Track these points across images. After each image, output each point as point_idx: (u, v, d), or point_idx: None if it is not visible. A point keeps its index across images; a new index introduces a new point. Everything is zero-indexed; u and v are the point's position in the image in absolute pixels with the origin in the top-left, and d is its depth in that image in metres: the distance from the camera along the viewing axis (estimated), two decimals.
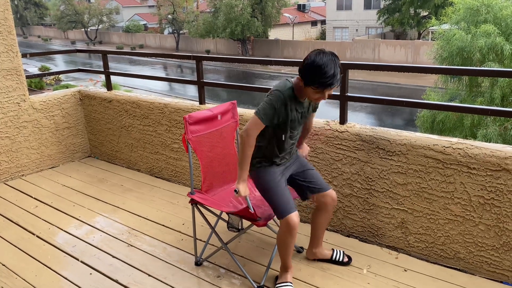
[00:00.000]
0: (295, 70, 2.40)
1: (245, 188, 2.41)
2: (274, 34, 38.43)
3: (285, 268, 2.58)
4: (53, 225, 3.49)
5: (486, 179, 2.48)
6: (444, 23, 12.30)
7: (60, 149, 4.79)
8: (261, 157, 2.51)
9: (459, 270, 2.70)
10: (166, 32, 48.89)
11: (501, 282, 2.57)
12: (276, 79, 27.83)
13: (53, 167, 4.75)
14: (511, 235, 2.47)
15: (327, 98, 2.33)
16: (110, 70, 4.72)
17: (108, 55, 4.69)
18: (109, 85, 4.79)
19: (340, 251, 2.82)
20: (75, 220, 3.57)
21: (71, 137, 4.87)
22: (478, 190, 2.52)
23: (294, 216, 2.37)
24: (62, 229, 3.42)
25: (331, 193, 2.61)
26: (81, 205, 3.82)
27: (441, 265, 2.76)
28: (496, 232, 2.52)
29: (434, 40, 13.20)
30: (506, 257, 2.52)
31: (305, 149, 2.91)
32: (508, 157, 2.40)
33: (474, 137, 9.50)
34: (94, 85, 17.92)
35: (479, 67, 9.89)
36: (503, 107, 9.84)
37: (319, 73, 2.17)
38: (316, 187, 2.60)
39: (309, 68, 2.20)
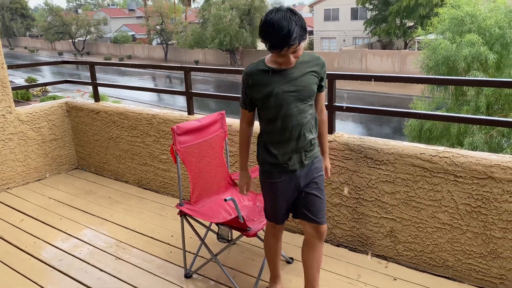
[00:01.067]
0: None
1: (244, 177, 2.42)
2: (262, 44, 38.63)
3: (273, 278, 2.56)
4: (39, 238, 3.43)
5: (472, 187, 2.51)
6: (430, 33, 12.51)
7: (47, 161, 4.73)
8: (258, 153, 2.30)
9: (448, 278, 2.72)
10: (154, 42, 48.91)
11: None
12: None
13: (39, 180, 4.69)
14: (498, 242, 2.50)
15: (293, 61, 2.01)
16: (97, 81, 4.70)
17: (96, 66, 4.67)
18: (96, 96, 4.76)
19: None
20: (62, 233, 3.51)
21: (58, 149, 4.82)
22: (465, 198, 2.55)
23: (275, 227, 2.38)
24: (48, 243, 3.36)
25: (321, 228, 2.26)
26: (68, 218, 3.77)
27: (430, 273, 2.77)
28: (484, 239, 2.54)
29: (420, 49, 13.41)
30: (493, 264, 2.54)
31: (325, 163, 2.47)
32: (493, 165, 2.43)
33: (461, 145, 9.62)
34: (81, 96, 17.80)
35: (464, 75, 10.06)
36: (488, 115, 10.00)
37: (271, 32, 1.90)
38: (313, 214, 2.24)
39: (261, 28, 1.95)
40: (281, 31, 1.88)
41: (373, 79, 3.06)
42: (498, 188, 2.43)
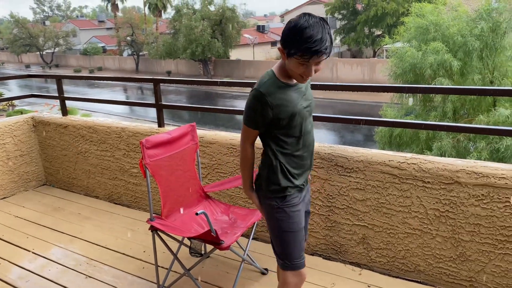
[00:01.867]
0: None
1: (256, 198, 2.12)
2: (235, 54, 38.82)
3: None
4: (4, 259, 3.30)
5: (440, 192, 2.57)
6: (397, 41, 12.84)
7: (13, 178, 4.57)
8: (275, 180, 2.01)
9: (420, 282, 2.76)
10: (125, 54, 48.34)
11: None
12: (239, 99, 27.98)
13: (4, 198, 4.52)
14: (466, 245, 2.55)
15: (311, 74, 1.85)
16: (66, 95, 4.59)
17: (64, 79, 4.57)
18: (64, 110, 4.65)
19: None
20: (29, 253, 3.39)
21: (24, 166, 4.66)
22: (434, 203, 2.60)
23: (304, 273, 2.08)
24: (14, 264, 3.23)
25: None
26: (35, 237, 3.64)
27: (403, 278, 2.81)
28: (452, 243, 2.60)
29: (388, 57, 13.74)
30: (463, 267, 2.60)
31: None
32: (459, 170, 2.50)
33: (430, 149, 9.85)
34: (50, 110, 17.36)
35: (431, 82, 10.35)
36: (455, 120, 10.30)
37: (303, 37, 1.73)
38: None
39: (291, 32, 1.76)
40: (316, 36, 1.72)
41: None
42: (464, 193, 2.49)
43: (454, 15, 11.12)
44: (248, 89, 2.20)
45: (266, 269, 2.92)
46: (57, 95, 4.61)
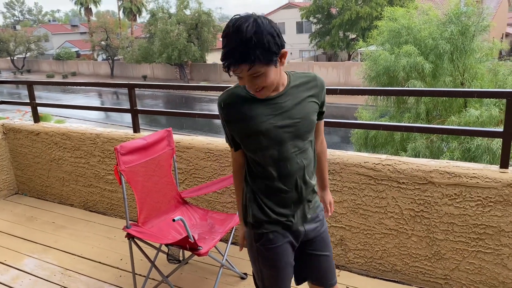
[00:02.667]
0: None
1: (242, 229, 1.81)
2: (212, 58, 38.73)
3: None
4: None
5: (414, 193, 2.62)
6: (371, 44, 13.07)
7: None
8: (250, 210, 1.70)
9: (397, 282, 2.80)
10: (100, 58, 47.58)
11: None
12: (216, 103, 27.89)
13: None
14: (441, 244, 2.61)
15: (255, 88, 1.51)
16: (38, 101, 4.48)
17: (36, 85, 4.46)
18: (36, 117, 4.54)
19: None
20: (0, 264, 3.28)
21: None
22: (409, 204, 2.65)
23: None
24: None
25: None
26: (7, 248, 3.53)
27: (381, 278, 2.85)
28: (428, 242, 2.65)
29: (362, 61, 13.97)
30: (438, 265, 2.65)
31: (327, 197, 2.00)
32: (432, 170, 2.55)
33: (405, 150, 10.04)
34: (22, 116, 16.90)
35: (404, 84, 10.57)
36: (428, 121, 10.54)
37: (225, 36, 1.45)
38: (321, 277, 1.82)
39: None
40: (226, 48, 1.43)
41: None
42: (438, 192, 2.54)
43: (425, 19, 11.40)
44: None
45: (245, 274, 2.91)
46: (28, 101, 4.49)
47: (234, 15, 1.46)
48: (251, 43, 1.38)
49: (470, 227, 2.50)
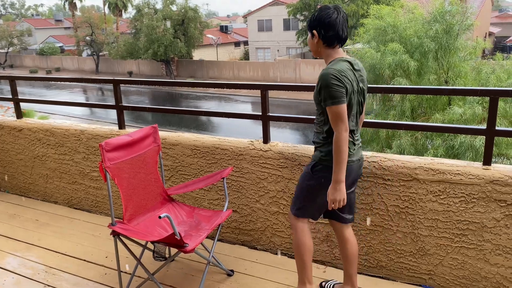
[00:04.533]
0: (221, 90, 2.40)
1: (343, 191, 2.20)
2: (198, 54, 38.52)
3: (311, 279, 2.45)
4: None
5: (400, 189, 2.64)
6: (357, 42, 13.14)
7: None
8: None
9: (382, 278, 2.83)
10: (84, 54, 46.91)
11: (420, 285, 2.73)
12: (203, 100, 27.77)
13: None
14: (425, 240, 2.64)
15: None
16: (20, 97, 4.40)
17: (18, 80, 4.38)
18: (18, 113, 4.45)
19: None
20: None
21: None
22: (394, 200, 2.68)
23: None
24: None
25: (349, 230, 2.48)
26: None
27: (366, 274, 2.87)
28: (412, 238, 2.68)
29: None
30: (422, 261, 2.69)
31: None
32: (417, 167, 2.58)
33: (390, 147, 10.14)
34: (5, 112, 16.60)
35: (389, 82, 10.66)
36: (413, 119, 10.66)
37: None
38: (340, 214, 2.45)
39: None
40: None
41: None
42: (423, 189, 2.58)
43: (411, 17, 11.50)
44: (211, 90, 2.31)
45: (232, 271, 2.91)
46: (10, 97, 4.41)
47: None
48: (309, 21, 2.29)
49: (453, 223, 2.54)
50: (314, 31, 2.22)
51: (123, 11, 49.54)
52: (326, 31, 2.19)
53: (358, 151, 2.34)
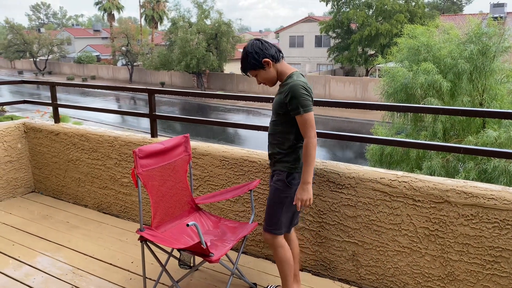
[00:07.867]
0: (250, 103, 2.51)
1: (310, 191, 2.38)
2: (229, 68, 39.01)
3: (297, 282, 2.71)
4: None
5: (430, 211, 2.59)
6: (390, 61, 13.03)
7: (1, 184, 4.51)
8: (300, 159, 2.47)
9: None
10: (119, 63, 48.33)
11: None
12: (232, 112, 28.04)
13: None
14: (455, 265, 2.57)
15: (258, 82, 2.56)
16: (58, 102, 4.58)
17: (57, 86, 4.56)
18: (56, 118, 4.63)
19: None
20: (14, 260, 3.33)
21: (13, 172, 4.61)
22: (423, 222, 2.62)
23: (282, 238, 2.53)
24: None
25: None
26: (21, 244, 3.58)
27: None
28: (441, 262, 2.61)
29: (380, 77, 13.92)
30: (451, 286, 2.61)
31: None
32: (449, 189, 2.52)
33: (420, 169, 9.92)
34: (41, 117, 17.23)
35: (421, 102, 10.49)
36: (445, 140, 10.42)
37: None
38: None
39: None
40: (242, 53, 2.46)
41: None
42: (454, 212, 2.51)
43: (446, 38, 11.34)
44: (241, 103, 2.54)
45: (255, 284, 2.91)
46: (50, 102, 4.59)
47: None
48: (245, 58, 2.45)
49: (485, 249, 2.46)
50: (264, 60, 2.40)
51: (158, 23, 50.86)
52: (268, 52, 2.41)
53: None
